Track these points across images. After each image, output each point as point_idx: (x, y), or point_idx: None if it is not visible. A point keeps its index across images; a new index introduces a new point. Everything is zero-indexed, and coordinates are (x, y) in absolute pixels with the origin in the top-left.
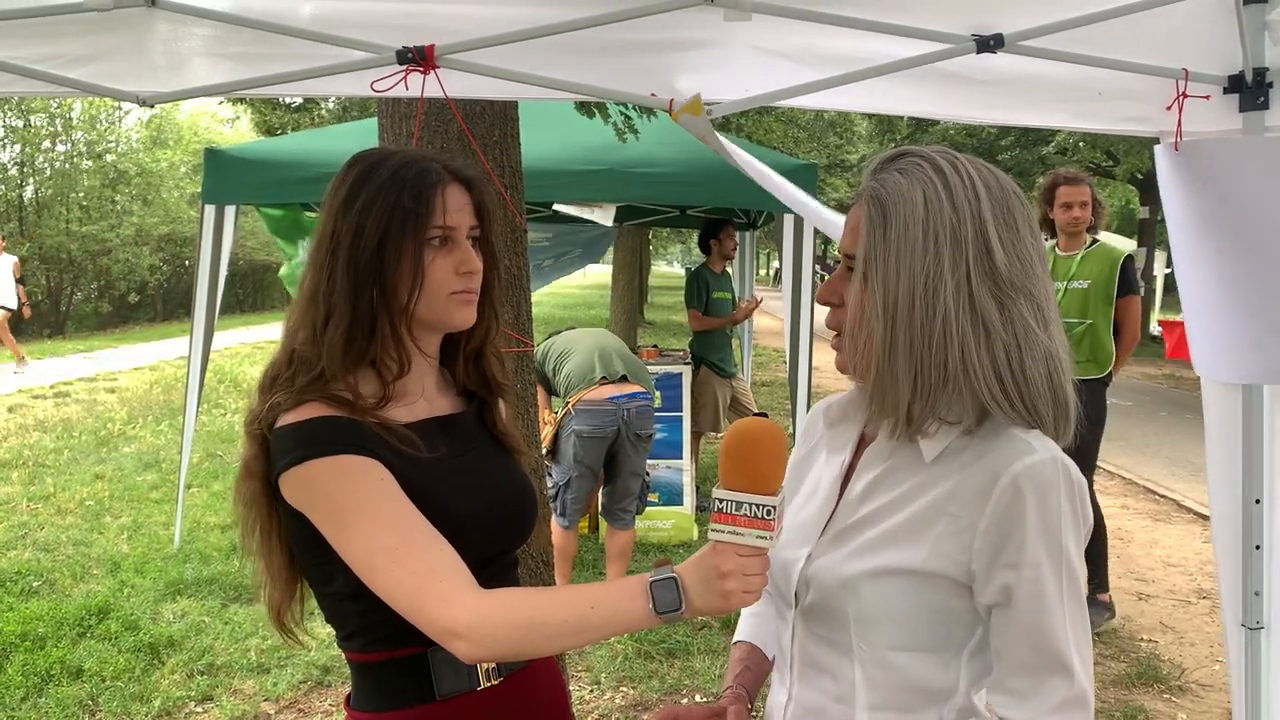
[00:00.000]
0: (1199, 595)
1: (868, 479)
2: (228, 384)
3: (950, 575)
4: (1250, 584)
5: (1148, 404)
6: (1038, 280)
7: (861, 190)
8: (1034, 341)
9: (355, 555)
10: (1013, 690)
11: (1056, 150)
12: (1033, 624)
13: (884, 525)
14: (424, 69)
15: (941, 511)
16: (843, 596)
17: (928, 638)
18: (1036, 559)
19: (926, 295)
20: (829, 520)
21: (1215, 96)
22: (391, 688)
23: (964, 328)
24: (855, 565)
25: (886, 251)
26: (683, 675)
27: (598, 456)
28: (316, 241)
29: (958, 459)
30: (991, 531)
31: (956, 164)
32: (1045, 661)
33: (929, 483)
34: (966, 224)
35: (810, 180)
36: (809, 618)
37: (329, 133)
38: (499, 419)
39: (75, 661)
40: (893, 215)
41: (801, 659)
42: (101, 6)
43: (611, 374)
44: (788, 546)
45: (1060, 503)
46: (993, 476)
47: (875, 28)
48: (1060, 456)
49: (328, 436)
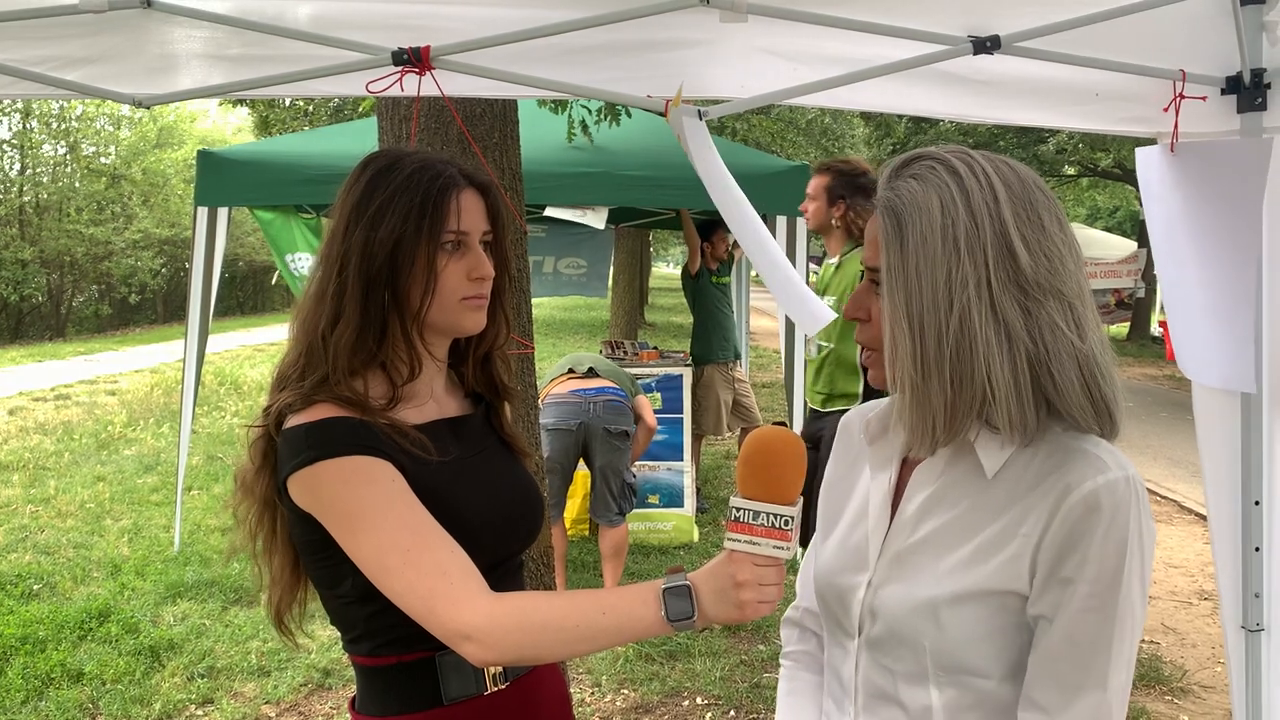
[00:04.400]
0: (1200, 596)
1: (922, 498)
2: (228, 386)
3: (1018, 590)
4: (1250, 586)
5: (1148, 405)
6: (1069, 277)
7: (876, 200)
8: (1063, 345)
9: (366, 557)
10: (1042, 706)
11: (1055, 149)
12: (1080, 639)
13: (951, 546)
14: (419, 70)
15: (1014, 534)
16: (917, 625)
17: (1008, 661)
18: (1097, 575)
19: (949, 307)
20: (884, 542)
21: (1212, 97)
22: (398, 692)
23: (988, 337)
24: (930, 591)
25: (905, 264)
26: (684, 677)
27: (565, 451)
28: (328, 240)
29: (1023, 477)
30: (1056, 543)
31: (972, 165)
32: (1084, 679)
33: (995, 502)
34: (985, 229)
35: (801, 182)
36: (875, 649)
37: (322, 134)
38: (505, 421)
39: (76, 664)
40: (908, 226)
41: (867, 690)
42: (97, 8)
43: (578, 368)
44: (842, 573)
45: (1129, 523)
46: (1064, 491)
47: (871, 29)
48: (1134, 475)
49: (339, 437)
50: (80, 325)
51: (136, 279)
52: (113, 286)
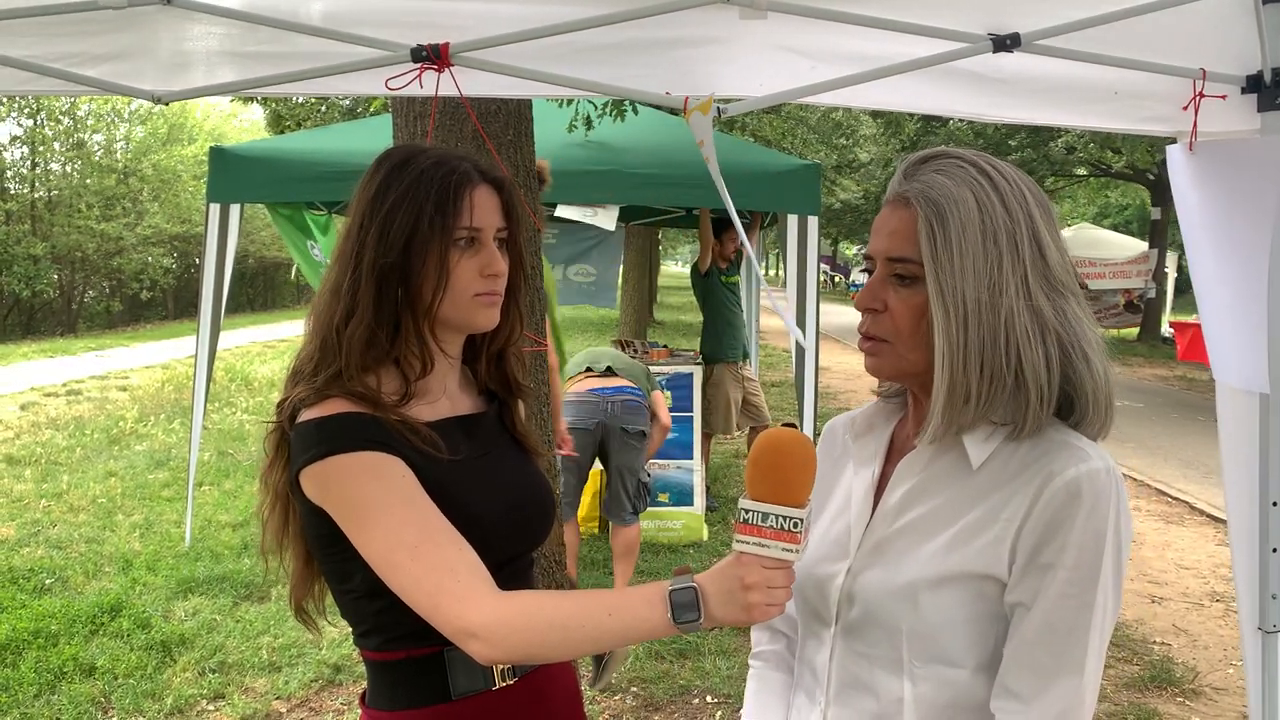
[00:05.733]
0: (1212, 598)
1: (905, 488)
2: (239, 383)
3: (996, 575)
4: (1267, 587)
5: (1159, 405)
6: (1074, 277)
7: (900, 192)
8: (1087, 339)
9: (375, 552)
10: (1016, 693)
11: (1065, 148)
12: (1059, 626)
13: (933, 533)
14: (438, 67)
15: (996, 519)
16: (895, 609)
17: (983, 651)
18: (1077, 561)
19: (993, 297)
20: (865, 532)
21: (1233, 96)
22: (407, 686)
23: (1025, 327)
24: (910, 574)
25: (950, 254)
26: (694, 676)
27: (582, 449)
28: (344, 235)
29: (1006, 466)
30: (1037, 529)
31: (996, 165)
32: (1060, 665)
33: (977, 491)
34: (1021, 225)
35: (814, 181)
36: (851, 635)
37: (334, 131)
38: (518, 420)
39: (88, 659)
40: (950, 217)
41: (840, 679)
42: (116, 5)
43: (596, 367)
44: (821, 562)
45: (1108, 512)
46: (1046, 478)
47: (891, 26)
48: (1114, 467)
49: (350, 432)
50: (91, 321)
51: (147, 275)
52: (124, 282)
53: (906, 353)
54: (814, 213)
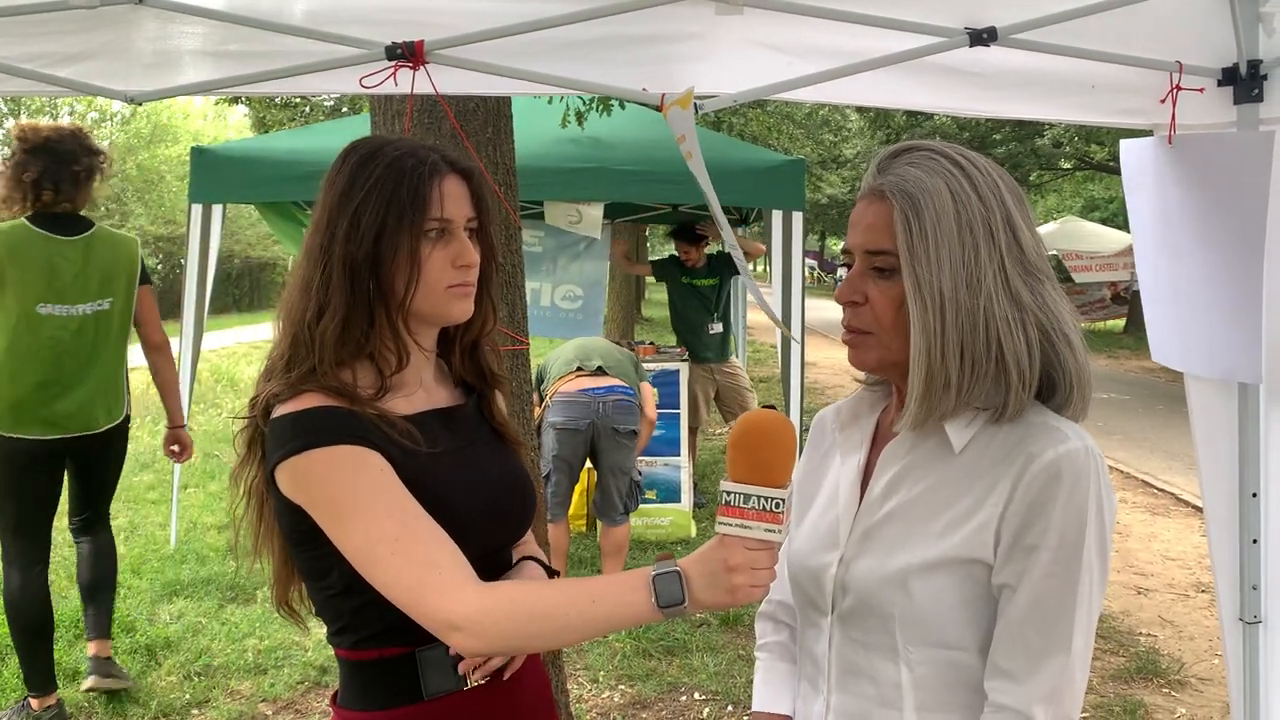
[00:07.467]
0: (1197, 589)
1: (890, 475)
2: (224, 384)
3: (983, 559)
4: (1247, 578)
5: (1145, 398)
6: (1047, 262)
7: (875, 186)
8: (1063, 322)
9: (354, 547)
10: (1008, 672)
11: (1051, 143)
12: (1045, 605)
13: (920, 519)
14: (413, 65)
15: (981, 505)
16: (887, 596)
17: (982, 632)
18: (1060, 541)
19: (971, 285)
20: (854, 520)
21: (1209, 89)
22: (379, 687)
23: (1005, 314)
24: (900, 561)
25: (925, 245)
26: (682, 673)
27: (574, 450)
28: (311, 231)
29: (988, 449)
30: (1019, 512)
31: (968, 156)
32: (1049, 643)
33: (961, 475)
34: (995, 213)
35: (798, 177)
36: (848, 622)
37: (317, 130)
38: (498, 411)
39: (72, 664)
40: (925, 208)
41: (840, 666)
42: (88, 4)
43: (587, 365)
44: (814, 553)
45: (1089, 491)
46: (1026, 460)
47: (868, 21)
48: (1093, 446)
49: (327, 426)
50: None
51: None
52: None
53: (889, 344)
54: (799, 208)
